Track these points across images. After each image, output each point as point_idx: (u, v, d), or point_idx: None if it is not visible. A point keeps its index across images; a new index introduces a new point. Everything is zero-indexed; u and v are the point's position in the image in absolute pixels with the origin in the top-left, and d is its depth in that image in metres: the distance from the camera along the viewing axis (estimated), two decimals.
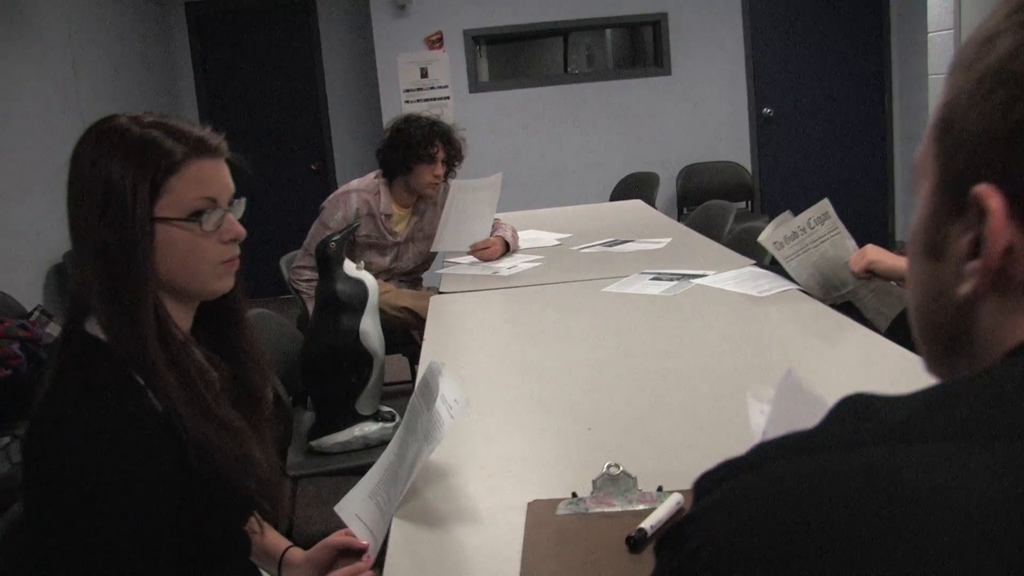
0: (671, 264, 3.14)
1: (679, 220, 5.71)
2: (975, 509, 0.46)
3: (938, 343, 0.63)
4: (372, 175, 3.73)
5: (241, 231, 1.33)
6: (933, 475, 0.47)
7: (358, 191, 3.65)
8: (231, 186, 1.33)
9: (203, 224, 1.28)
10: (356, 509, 1.51)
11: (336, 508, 1.52)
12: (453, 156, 3.66)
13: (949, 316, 0.60)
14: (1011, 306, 0.56)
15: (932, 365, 0.65)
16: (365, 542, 1.48)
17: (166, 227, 1.26)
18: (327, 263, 2.54)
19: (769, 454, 0.53)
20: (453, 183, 3.65)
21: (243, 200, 1.36)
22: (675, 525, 0.53)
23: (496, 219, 3.73)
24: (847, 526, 0.47)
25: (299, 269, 3.64)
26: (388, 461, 1.54)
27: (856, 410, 0.53)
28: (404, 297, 3.55)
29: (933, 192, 0.61)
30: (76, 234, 1.25)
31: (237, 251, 1.35)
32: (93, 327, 1.24)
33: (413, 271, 3.85)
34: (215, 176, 1.30)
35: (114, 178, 1.23)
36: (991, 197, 0.55)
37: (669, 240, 3.67)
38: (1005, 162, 0.55)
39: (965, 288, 0.58)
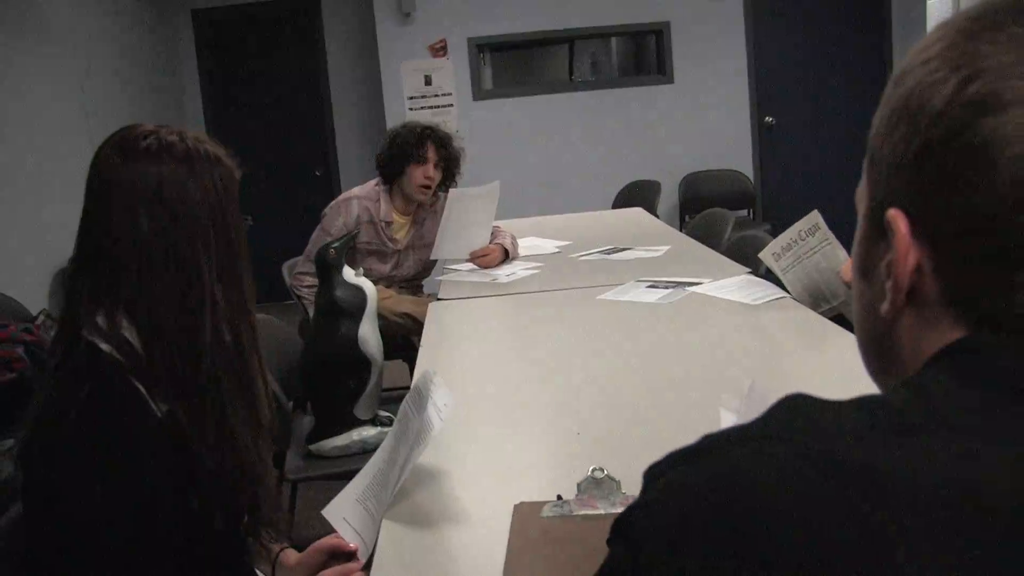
0: (668, 272, 3.18)
1: (681, 228, 5.72)
2: (925, 487, 0.49)
3: (873, 355, 0.68)
4: (373, 182, 3.77)
5: None
6: (874, 458, 0.51)
7: (359, 198, 3.69)
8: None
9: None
10: (344, 513, 1.54)
11: (324, 512, 1.55)
12: (448, 161, 3.69)
13: (878, 331, 0.66)
14: (925, 320, 0.61)
15: (872, 375, 0.70)
16: (353, 545, 1.51)
17: None
18: (326, 269, 2.59)
19: (713, 444, 0.56)
20: (452, 192, 3.68)
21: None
22: (624, 513, 0.57)
23: (496, 226, 3.77)
24: (791, 507, 0.50)
25: (300, 275, 3.68)
26: (377, 466, 1.58)
27: (796, 407, 0.57)
28: (404, 303, 3.58)
29: (863, 218, 0.66)
30: (149, 249, 1.26)
31: None
32: (91, 334, 1.25)
33: (414, 278, 3.89)
34: None
35: (218, 190, 1.31)
36: (898, 220, 0.60)
37: (667, 248, 3.71)
38: (909, 189, 0.60)
39: (885, 306, 0.63)
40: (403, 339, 3.63)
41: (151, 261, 1.26)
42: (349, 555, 1.52)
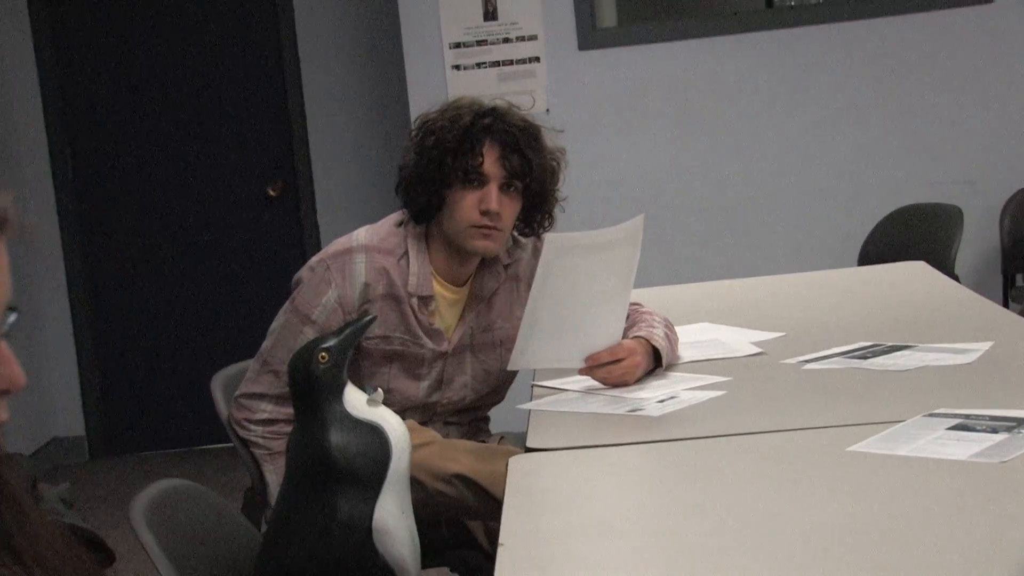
0: (990, 396, 3.16)
1: (1007, 303, 5.69)
2: None
3: None
4: (393, 219, 3.83)
5: (19, 378, 1.39)
6: None
7: (368, 250, 3.74)
8: (8, 288, 1.37)
9: None
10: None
11: None
12: (531, 175, 3.71)
13: None
14: None
15: None
16: None
17: None
18: (312, 393, 2.64)
19: None
20: (548, 239, 3.68)
21: (13, 314, 1.39)
22: None
23: (634, 305, 3.80)
24: None
25: (250, 401, 3.73)
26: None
27: None
28: (457, 455, 3.58)
29: None
30: None
31: (4, 415, 1.40)
32: None
33: (473, 406, 3.94)
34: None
35: None
36: None
37: (987, 347, 3.69)
38: None
39: None
40: (454, 528, 3.64)
41: None
42: None
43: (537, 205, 3.78)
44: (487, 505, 3.35)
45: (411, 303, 3.74)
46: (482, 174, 3.64)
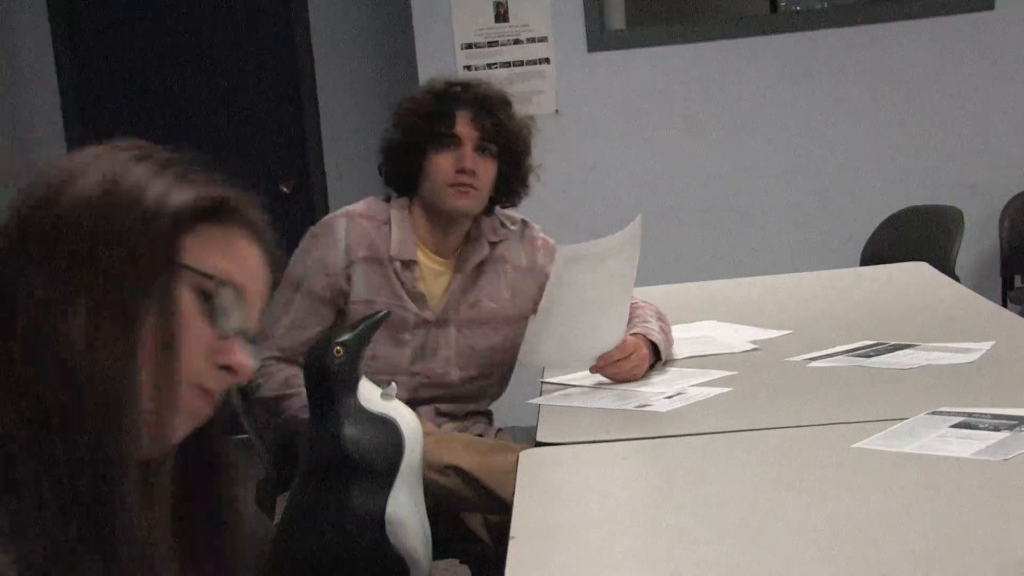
0: (992, 396, 3.15)
1: (1006, 304, 5.67)
2: None
3: None
4: (379, 196, 3.95)
5: (248, 367, 1.52)
6: None
7: (350, 215, 3.85)
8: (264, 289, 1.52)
9: (216, 310, 1.47)
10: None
11: None
12: (504, 138, 3.80)
13: None
14: None
15: None
16: None
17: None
18: (327, 387, 2.63)
19: None
20: (561, 252, 3.64)
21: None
22: None
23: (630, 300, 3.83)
24: None
25: (263, 369, 3.71)
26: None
27: None
28: (453, 446, 3.53)
29: None
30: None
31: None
32: None
33: (464, 395, 3.95)
34: (252, 257, 1.55)
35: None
36: None
37: (988, 346, 3.69)
38: None
39: None
40: (451, 524, 3.62)
41: None
42: None
43: (513, 171, 3.87)
44: (480, 496, 3.39)
45: (394, 267, 3.80)
46: (456, 136, 3.76)
